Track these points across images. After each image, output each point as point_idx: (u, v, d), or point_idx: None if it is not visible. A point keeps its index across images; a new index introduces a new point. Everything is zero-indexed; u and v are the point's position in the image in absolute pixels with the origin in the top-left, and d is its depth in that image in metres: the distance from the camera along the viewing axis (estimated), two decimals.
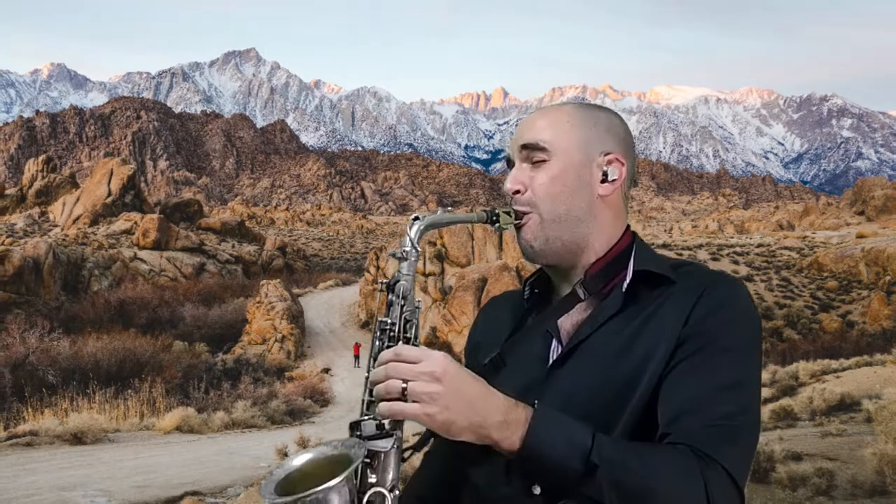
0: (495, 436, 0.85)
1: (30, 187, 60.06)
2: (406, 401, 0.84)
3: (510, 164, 1.09)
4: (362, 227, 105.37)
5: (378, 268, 35.89)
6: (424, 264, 31.31)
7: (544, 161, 1.03)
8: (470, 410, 0.84)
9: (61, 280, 38.04)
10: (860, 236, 40.32)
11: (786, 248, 40.34)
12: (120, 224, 49.03)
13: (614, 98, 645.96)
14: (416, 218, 0.98)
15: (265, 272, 46.57)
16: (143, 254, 44.29)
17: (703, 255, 36.90)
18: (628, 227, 1.07)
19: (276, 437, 11.01)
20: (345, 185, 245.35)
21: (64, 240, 43.89)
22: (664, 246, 40.07)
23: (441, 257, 31.67)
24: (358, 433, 0.87)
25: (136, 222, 47.99)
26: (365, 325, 34.30)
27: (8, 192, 62.10)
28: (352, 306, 37.36)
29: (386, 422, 0.86)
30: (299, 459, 0.87)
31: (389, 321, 0.92)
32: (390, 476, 0.86)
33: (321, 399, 19.17)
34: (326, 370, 25.69)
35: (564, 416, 0.86)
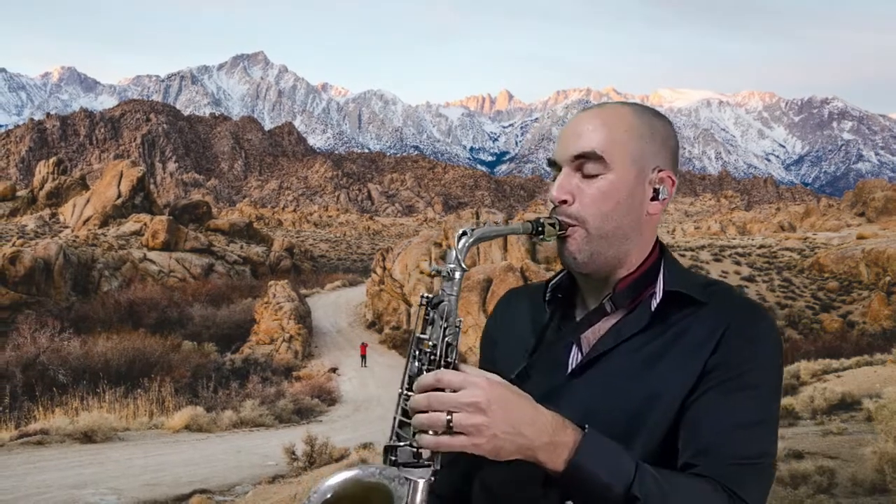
0: (541, 457, 0.84)
1: (40, 189, 60.60)
2: (451, 432, 0.81)
3: (553, 165, 1.02)
4: (369, 228, 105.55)
5: (384, 268, 35.96)
6: (430, 264, 31.44)
7: (598, 174, 0.97)
8: (517, 435, 0.82)
9: (72, 281, 38.39)
10: (860, 237, 40.27)
11: (787, 249, 40.37)
12: (129, 225, 49.41)
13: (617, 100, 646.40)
14: (464, 233, 0.92)
15: (273, 273, 46.78)
16: (152, 255, 44.61)
17: (705, 255, 36.88)
18: (658, 240, 1.05)
19: (283, 435, 11.09)
20: (352, 187, 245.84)
21: (74, 241, 44.27)
22: (667, 247, 40.15)
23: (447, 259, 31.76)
24: (393, 458, 0.84)
25: (145, 224, 48.35)
26: (371, 325, 34.41)
27: (19, 193, 62.67)
28: (358, 307, 37.47)
29: (425, 452, 0.84)
30: (335, 480, 0.84)
31: (430, 342, 0.88)
32: (418, 501, 0.84)
33: (328, 398, 19.27)
34: (333, 370, 25.80)
35: (612, 443, 0.85)
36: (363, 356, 27.22)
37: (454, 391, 0.82)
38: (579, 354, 0.98)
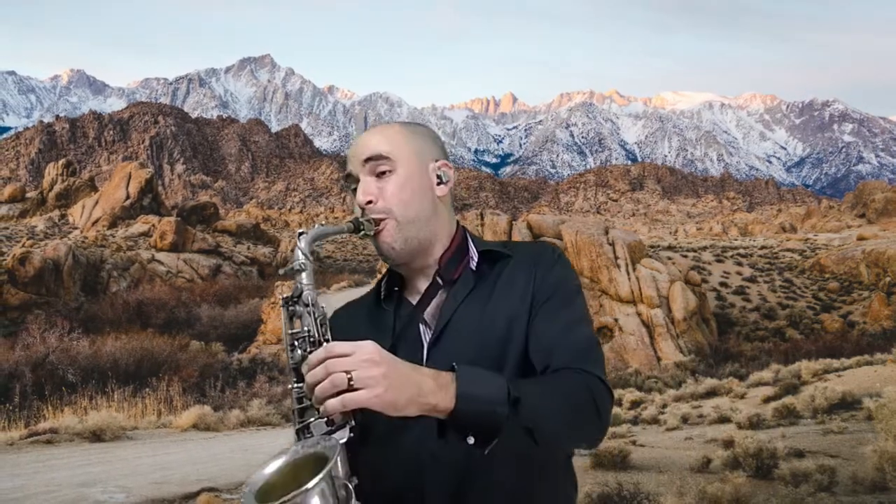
0: (433, 400, 0.92)
1: (50, 190, 61.04)
2: (352, 389, 0.88)
3: (350, 179, 1.19)
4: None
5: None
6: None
7: (389, 171, 1.16)
8: (409, 384, 0.91)
9: (80, 281, 38.66)
10: (861, 238, 40.24)
11: (788, 250, 40.38)
12: (138, 226, 49.72)
13: (621, 103, 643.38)
14: (303, 233, 1.08)
15: (280, 273, 46.93)
16: (160, 255, 44.87)
17: (707, 256, 36.77)
18: (458, 220, 1.25)
19: (290, 434, 11.01)
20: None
21: (83, 242, 44.59)
22: (669, 248, 39.89)
23: None
24: (309, 435, 0.90)
25: (153, 225, 48.63)
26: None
27: (29, 195, 63.15)
28: None
29: (336, 417, 0.90)
30: (271, 467, 0.89)
31: (306, 329, 0.98)
32: (347, 467, 0.91)
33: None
34: None
35: (478, 368, 0.97)
36: None
37: (346, 356, 0.90)
38: (428, 330, 1.14)
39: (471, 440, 0.95)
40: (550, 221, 26.49)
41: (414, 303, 1.18)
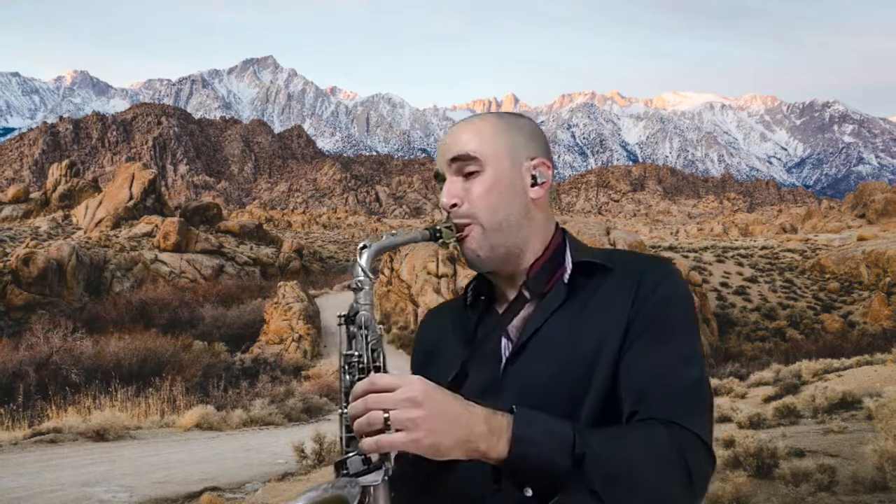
0: (483, 447, 0.84)
1: (53, 191, 61.21)
2: (390, 431, 0.82)
3: (439, 178, 1.09)
4: (377, 230, 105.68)
5: (392, 269, 36.12)
6: (437, 266, 31.61)
7: (476, 172, 1.04)
8: (455, 427, 0.83)
9: (84, 281, 38.78)
10: (861, 239, 40.27)
11: (789, 250, 40.46)
12: (141, 227, 49.85)
13: (622, 104, 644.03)
14: (364, 246, 0.99)
15: (282, 274, 47.03)
16: (163, 256, 44.98)
17: (708, 256, 36.82)
18: (557, 224, 1.11)
19: (293, 433, 11.17)
20: (360, 190, 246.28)
21: (87, 242, 44.73)
22: (670, 248, 39.99)
23: (454, 259, 31.89)
24: (345, 471, 0.86)
25: (156, 225, 48.76)
26: (379, 325, 34.53)
27: (32, 195, 63.34)
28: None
29: (373, 455, 0.85)
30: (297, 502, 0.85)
31: (356, 353, 0.92)
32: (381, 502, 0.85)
33: (337, 397, 19.24)
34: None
35: (542, 414, 0.87)
36: None
37: (389, 392, 0.82)
38: (510, 344, 1.03)
39: (528, 492, 0.85)
40: None
41: (500, 312, 1.07)
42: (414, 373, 1.14)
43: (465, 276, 30.48)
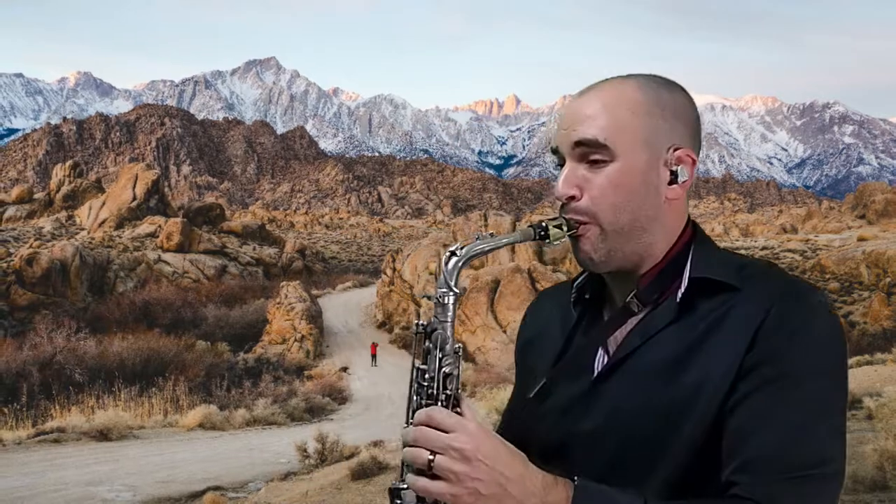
0: None
1: (57, 192, 61.37)
2: (432, 475, 0.75)
3: (556, 153, 0.91)
4: (379, 230, 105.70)
5: (394, 269, 36.10)
6: (439, 266, 31.76)
7: (604, 162, 0.86)
8: (503, 495, 0.73)
9: (87, 281, 38.87)
10: (861, 239, 40.28)
11: (789, 250, 40.52)
12: (144, 227, 49.96)
13: None
14: (453, 253, 0.84)
15: (285, 274, 47.08)
16: (166, 256, 45.07)
17: None
18: (690, 222, 0.92)
19: (295, 433, 11.17)
20: (362, 190, 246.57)
21: (90, 243, 44.84)
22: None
23: None
24: (398, 501, 0.80)
25: (160, 226, 48.87)
26: (382, 325, 34.57)
27: (36, 196, 63.52)
28: (369, 307, 37.63)
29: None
30: None
31: (427, 375, 0.82)
32: None
33: (339, 397, 19.35)
34: (344, 369, 25.94)
35: (608, 489, 0.76)
36: (373, 356, 27.41)
37: (444, 433, 0.75)
38: (605, 357, 0.89)
39: None
40: None
41: (604, 317, 0.93)
42: (516, 361, 1.05)
43: (466, 276, 30.45)
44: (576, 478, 0.76)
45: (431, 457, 0.74)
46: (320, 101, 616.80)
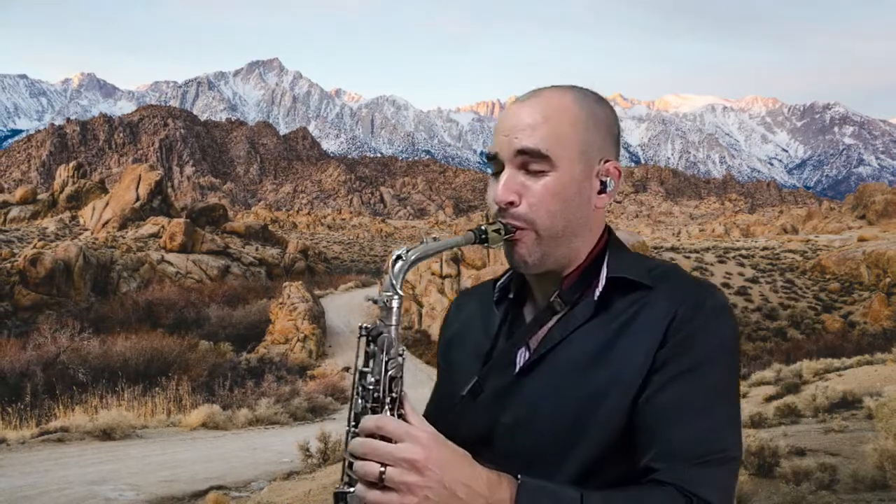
0: None
1: (61, 192, 61.57)
2: (383, 487, 0.76)
3: (493, 159, 0.96)
4: (381, 230, 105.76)
5: None
6: (441, 266, 31.73)
7: (543, 171, 0.91)
8: (452, 499, 0.76)
9: (91, 282, 39.01)
10: (861, 240, 40.23)
11: (790, 251, 40.43)
12: (148, 228, 50.11)
13: (624, 106, 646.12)
14: (399, 257, 0.87)
15: (288, 274, 47.16)
16: (170, 256, 45.20)
17: (709, 257, 36.96)
18: (606, 227, 0.98)
19: (298, 433, 11.23)
20: (364, 191, 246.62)
21: (94, 243, 45.00)
22: (672, 249, 40.07)
23: (457, 260, 31.96)
24: None
25: (163, 226, 49.01)
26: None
27: (40, 197, 63.73)
28: (371, 307, 37.66)
29: None
30: None
31: (372, 378, 0.84)
32: None
33: (342, 396, 19.40)
34: (347, 369, 25.98)
35: (549, 484, 0.80)
36: None
37: (394, 443, 0.77)
38: (527, 353, 0.95)
39: None
40: None
41: (525, 316, 0.99)
42: (438, 359, 1.10)
43: (467, 276, 30.52)
44: (519, 476, 0.79)
45: (382, 469, 0.75)
46: (323, 102, 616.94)
